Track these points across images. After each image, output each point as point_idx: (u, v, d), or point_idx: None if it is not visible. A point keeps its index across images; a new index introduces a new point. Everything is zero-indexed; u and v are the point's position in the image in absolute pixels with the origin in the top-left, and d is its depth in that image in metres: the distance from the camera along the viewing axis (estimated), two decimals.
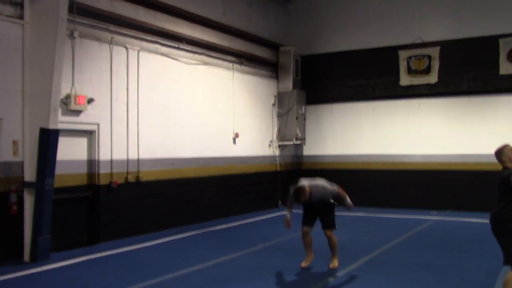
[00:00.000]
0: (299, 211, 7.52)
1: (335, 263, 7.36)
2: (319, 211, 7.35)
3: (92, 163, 9.28)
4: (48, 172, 7.85)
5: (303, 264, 7.36)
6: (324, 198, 7.26)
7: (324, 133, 15.29)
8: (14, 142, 7.86)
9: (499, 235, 5.27)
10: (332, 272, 7.16)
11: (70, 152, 8.85)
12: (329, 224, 7.36)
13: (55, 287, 6.66)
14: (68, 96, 8.57)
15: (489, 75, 13.21)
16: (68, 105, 8.59)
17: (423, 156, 13.93)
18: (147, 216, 10.27)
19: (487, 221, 5.44)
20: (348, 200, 7.40)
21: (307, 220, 7.40)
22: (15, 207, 7.80)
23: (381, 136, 14.49)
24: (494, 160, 5.46)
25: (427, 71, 13.88)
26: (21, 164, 7.96)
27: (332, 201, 7.36)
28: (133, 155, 10.00)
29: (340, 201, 7.42)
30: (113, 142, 9.56)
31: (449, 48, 13.60)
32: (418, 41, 13.92)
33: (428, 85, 13.88)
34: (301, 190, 7.10)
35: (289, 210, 7.37)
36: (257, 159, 13.96)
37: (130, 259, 8.12)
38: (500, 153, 5.36)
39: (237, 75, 13.19)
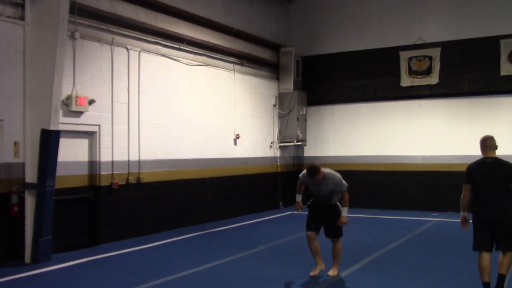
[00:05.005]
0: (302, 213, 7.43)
1: (335, 271, 7.02)
2: (324, 214, 6.93)
3: (93, 164, 9.27)
4: (49, 173, 7.85)
5: (312, 273, 6.93)
6: (334, 190, 6.78)
7: (325, 134, 15.27)
8: (15, 143, 7.85)
9: None
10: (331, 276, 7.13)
11: (71, 153, 8.84)
12: (336, 231, 6.98)
13: None
14: (69, 97, 8.57)
15: (490, 76, 13.20)
16: (69, 106, 8.59)
17: (424, 157, 13.91)
18: (148, 217, 10.26)
19: None
20: (345, 211, 6.85)
21: (312, 224, 6.97)
22: (16, 208, 7.79)
23: (382, 137, 14.47)
24: None
25: (428, 72, 13.87)
26: (22, 165, 7.94)
27: (337, 202, 6.93)
28: (134, 156, 9.99)
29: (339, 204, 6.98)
30: (114, 143, 9.56)
31: (450, 49, 13.59)
32: (419, 42, 13.90)
33: (429, 86, 13.87)
34: (316, 168, 6.63)
35: (299, 194, 7.14)
36: (258, 160, 13.94)
37: (131, 261, 8.10)
38: None
39: (238, 76, 13.18)
